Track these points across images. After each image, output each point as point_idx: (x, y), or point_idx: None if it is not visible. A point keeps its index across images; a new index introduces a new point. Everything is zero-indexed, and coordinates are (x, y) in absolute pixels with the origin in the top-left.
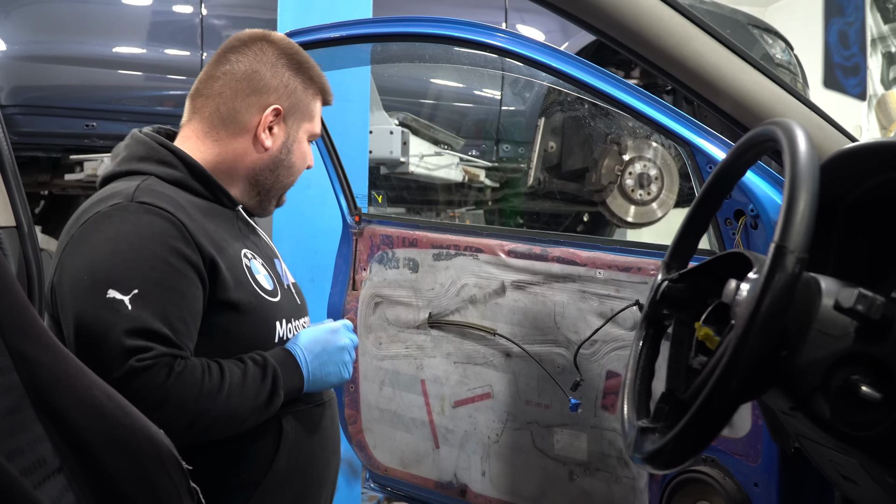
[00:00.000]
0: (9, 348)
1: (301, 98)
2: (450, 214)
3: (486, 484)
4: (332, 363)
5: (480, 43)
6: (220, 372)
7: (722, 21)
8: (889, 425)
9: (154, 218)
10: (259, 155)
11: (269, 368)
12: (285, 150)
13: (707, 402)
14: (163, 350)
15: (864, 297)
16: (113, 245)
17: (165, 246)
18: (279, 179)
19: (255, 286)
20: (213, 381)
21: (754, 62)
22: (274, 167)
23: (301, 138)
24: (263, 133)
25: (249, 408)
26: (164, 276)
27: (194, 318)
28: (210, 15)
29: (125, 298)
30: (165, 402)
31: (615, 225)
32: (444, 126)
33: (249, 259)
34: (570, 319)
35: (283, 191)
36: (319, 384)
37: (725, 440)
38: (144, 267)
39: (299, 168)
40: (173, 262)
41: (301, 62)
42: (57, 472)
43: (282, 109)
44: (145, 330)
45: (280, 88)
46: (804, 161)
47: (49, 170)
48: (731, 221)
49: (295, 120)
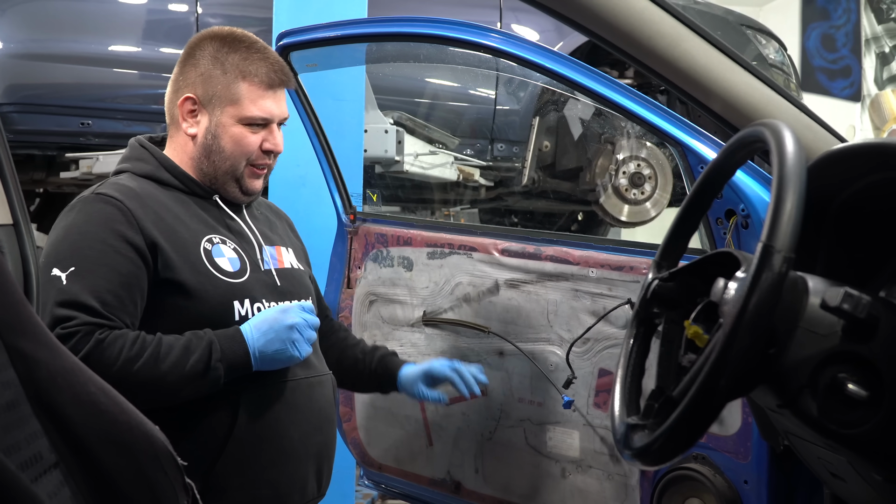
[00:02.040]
0: (6, 345)
1: (217, 83)
2: (444, 213)
3: (479, 481)
4: (278, 340)
5: (475, 43)
6: (154, 343)
7: (715, 21)
8: (876, 423)
9: (103, 206)
10: (192, 145)
11: (206, 341)
12: (210, 136)
13: (695, 399)
14: (86, 319)
15: (850, 296)
16: (65, 231)
17: (108, 229)
18: (216, 164)
19: (210, 267)
20: (136, 349)
21: (745, 63)
22: (206, 153)
23: (226, 122)
24: (185, 123)
25: (180, 376)
26: (100, 255)
27: (130, 292)
28: (205, 13)
29: (62, 275)
30: (86, 364)
31: (609, 224)
32: (438, 125)
33: (214, 243)
34: (563, 318)
35: (227, 175)
36: (269, 361)
37: (716, 438)
38: (84, 247)
39: (234, 152)
40: (112, 243)
41: (229, 49)
42: (53, 468)
43: (195, 97)
44: (73, 302)
45: (193, 78)
46: (791, 161)
47: (44, 168)
48: (722, 221)
49: (216, 106)
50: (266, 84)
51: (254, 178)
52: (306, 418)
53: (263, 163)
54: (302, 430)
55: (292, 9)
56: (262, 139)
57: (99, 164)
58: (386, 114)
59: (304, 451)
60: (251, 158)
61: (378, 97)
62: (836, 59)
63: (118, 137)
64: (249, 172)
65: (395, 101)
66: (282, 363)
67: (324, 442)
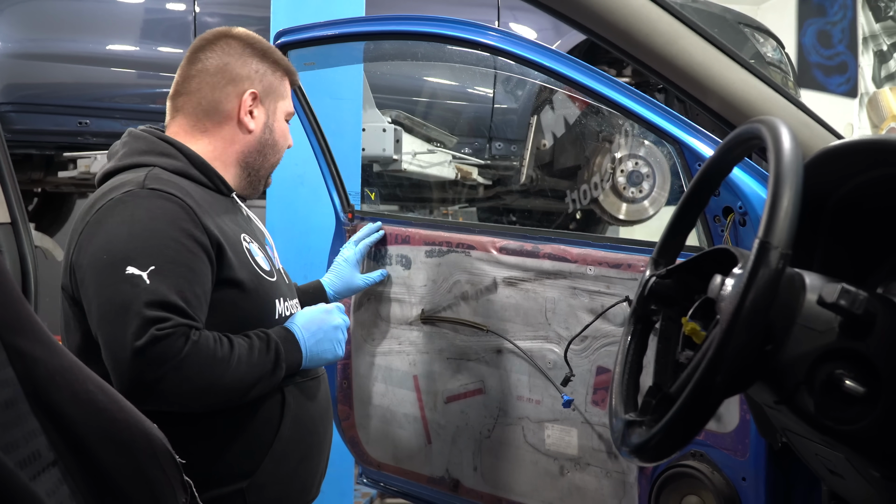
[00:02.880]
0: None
1: (272, 80)
2: (442, 212)
3: (477, 479)
4: (326, 341)
5: (473, 41)
6: (229, 343)
7: (713, 19)
8: (873, 419)
9: (164, 202)
10: (245, 138)
11: (272, 343)
12: (268, 130)
13: (692, 395)
14: (180, 321)
15: (847, 293)
16: (129, 227)
17: (176, 227)
18: (266, 158)
19: (256, 267)
20: (224, 351)
21: (742, 61)
22: (261, 147)
23: (279, 117)
24: (246, 117)
25: (255, 376)
26: (176, 255)
27: (205, 293)
28: (203, 13)
29: (143, 274)
30: (183, 366)
31: (607, 222)
32: (436, 124)
33: (248, 242)
34: (561, 315)
35: (271, 170)
36: (316, 360)
37: (714, 435)
38: (159, 246)
39: (282, 146)
40: (184, 242)
41: (264, 49)
42: (52, 466)
43: (258, 93)
44: (164, 302)
45: (252, 74)
46: (788, 158)
47: (42, 167)
48: (719, 218)
49: (271, 101)
50: (291, 83)
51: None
52: (326, 413)
53: None
54: (324, 424)
55: (290, 7)
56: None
57: (97, 164)
58: (384, 112)
59: (324, 445)
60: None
61: (376, 96)
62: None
63: (116, 137)
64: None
65: (393, 100)
66: (325, 361)
67: (332, 433)
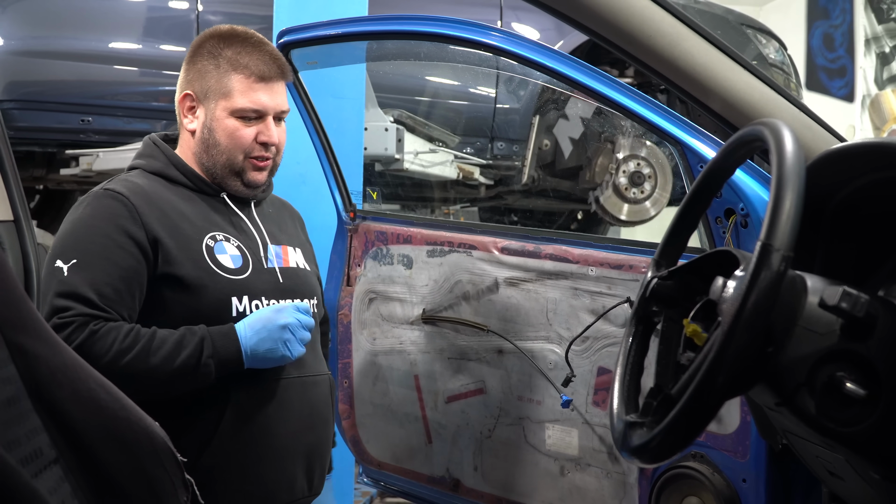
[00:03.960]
0: (6, 341)
1: (211, 77)
2: (444, 211)
3: (478, 478)
4: (270, 340)
5: (475, 41)
6: (144, 335)
7: (715, 21)
8: (873, 421)
9: (109, 201)
10: (193, 140)
11: (198, 337)
12: (206, 130)
13: (694, 397)
14: (83, 310)
15: (848, 295)
16: (72, 225)
17: (111, 224)
18: (214, 158)
19: (210, 263)
20: (129, 342)
21: (744, 63)
22: (204, 148)
23: (220, 116)
24: (185, 119)
25: (171, 370)
26: (102, 249)
27: (129, 286)
28: (206, 11)
29: (64, 267)
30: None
31: (608, 223)
32: (439, 123)
33: (217, 241)
34: (562, 316)
35: (226, 169)
36: (262, 359)
37: (714, 436)
38: (87, 241)
39: (229, 145)
40: (115, 238)
41: (224, 45)
42: (53, 464)
43: (192, 93)
44: (72, 293)
45: (191, 75)
46: (790, 160)
47: (44, 165)
48: (721, 220)
49: (210, 100)
50: (257, 76)
51: (255, 171)
52: (298, 417)
53: (261, 155)
54: (292, 429)
55: (293, 6)
56: (256, 132)
57: (99, 161)
58: (386, 112)
59: (293, 450)
60: (248, 151)
61: (378, 95)
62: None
63: (118, 134)
64: (250, 165)
65: (395, 99)
66: (273, 362)
67: (316, 441)
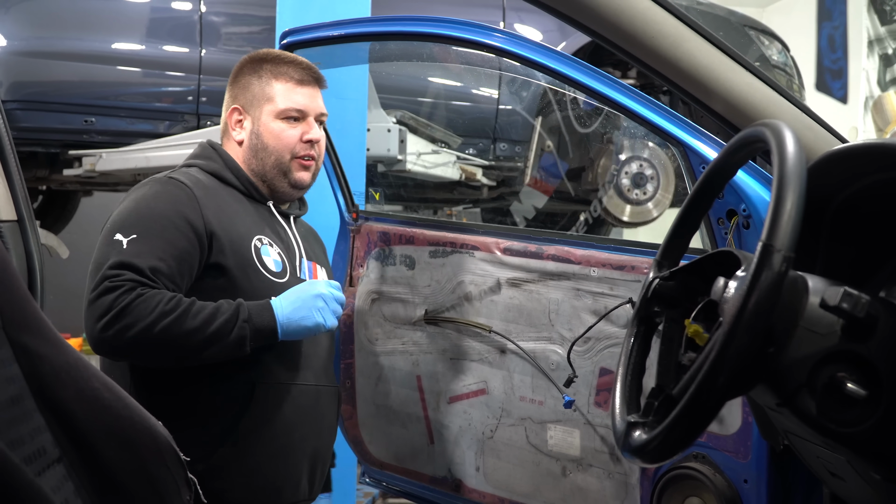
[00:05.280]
0: (10, 340)
1: (255, 88)
2: (447, 212)
3: (480, 479)
4: (304, 308)
5: (478, 42)
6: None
7: (717, 22)
8: (874, 422)
9: (173, 188)
10: (242, 149)
11: (235, 304)
12: (254, 136)
13: (695, 397)
14: (133, 276)
15: (849, 296)
16: (134, 203)
17: (173, 209)
18: (263, 161)
19: (258, 263)
20: (171, 305)
21: (747, 64)
22: (254, 153)
23: (265, 121)
24: (234, 131)
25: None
26: (162, 229)
27: (180, 266)
28: (209, 12)
29: (124, 240)
30: (126, 314)
31: (611, 224)
32: (441, 124)
33: (263, 244)
34: (565, 317)
35: (275, 170)
36: (295, 328)
37: (716, 437)
38: (149, 220)
39: (276, 146)
40: (175, 221)
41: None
42: (56, 463)
43: (239, 107)
44: (128, 263)
45: (235, 91)
46: (792, 162)
47: (47, 165)
48: (723, 221)
49: (255, 108)
50: (296, 81)
51: (301, 170)
52: (309, 422)
53: (307, 154)
54: (303, 432)
55: (295, 7)
56: (301, 132)
57: (102, 162)
58: (389, 113)
59: (301, 452)
60: (295, 151)
61: (381, 96)
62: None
63: (121, 135)
64: (297, 165)
65: (397, 100)
66: (307, 331)
67: (321, 447)
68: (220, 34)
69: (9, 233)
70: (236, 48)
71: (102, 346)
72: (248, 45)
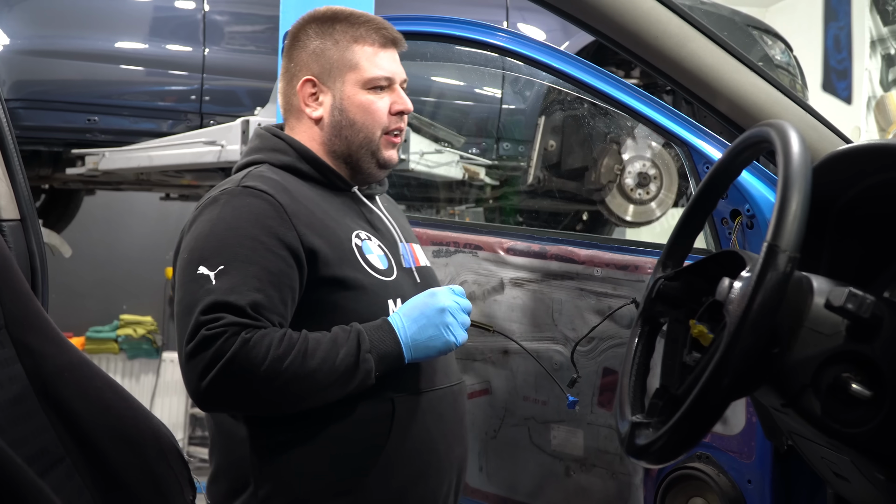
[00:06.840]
0: (13, 340)
1: (331, 54)
2: (450, 212)
3: (483, 479)
4: (431, 326)
5: (481, 42)
6: (297, 339)
7: (721, 22)
8: (878, 423)
9: (253, 200)
10: (319, 128)
11: (353, 333)
12: (337, 111)
13: (699, 397)
14: (233, 320)
15: (854, 296)
16: (211, 226)
17: (259, 225)
18: (349, 140)
19: (364, 265)
20: (284, 347)
21: (751, 64)
22: (337, 132)
23: (351, 92)
24: (308, 108)
25: (331, 371)
26: (251, 253)
27: (281, 292)
28: (212, 10)
29: (211, 274)
30: (232, 366)
31: (614, 224)
32: (444, 124)
33: (362, 240)
34: (568, 317)
35: (363, 149)
36: (423, 350)
37: (720, 437)
38: (234, 244)
39: (365, 122)
40: (264, 240)
41: (332, 21)
42: (59, 462)
43: (313, 77)
44: (222, 303)
45: (305, 58)
46: (797, 162)
47: (50, 164)
48: (727, 221)
49: (336, 78)
50: (380, 43)
51: (390, 147)
52: (451, 429)
53: (398, 128)
54: (448, 443)
55: (299, 7)
56: (390, 103)
57: (105, 161)
58: None
59: (447, 465)
60: (385, 126)
61: None
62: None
63: (124, 134)
64: (385, 142)
65: None
66: (437, 351)
67: (463, 454)
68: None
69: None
70: (239, 47)
71: (210, 405)
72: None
